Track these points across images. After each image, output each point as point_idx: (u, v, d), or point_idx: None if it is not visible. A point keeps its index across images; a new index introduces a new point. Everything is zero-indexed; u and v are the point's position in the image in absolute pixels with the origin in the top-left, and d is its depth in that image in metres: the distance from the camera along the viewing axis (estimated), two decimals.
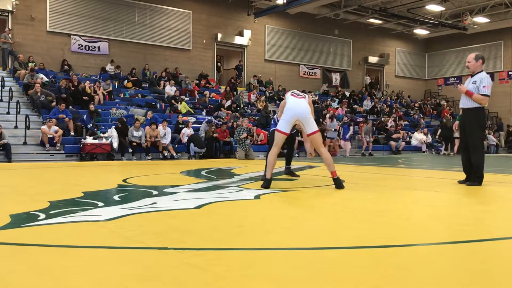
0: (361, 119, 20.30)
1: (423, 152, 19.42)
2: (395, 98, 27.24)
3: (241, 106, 18.71)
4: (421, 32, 27.87)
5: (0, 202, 4.65)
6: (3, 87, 15.11)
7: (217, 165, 10.43)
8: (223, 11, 22.07)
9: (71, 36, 18.40)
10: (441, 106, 26.80)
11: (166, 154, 13.63)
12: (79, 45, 18.60)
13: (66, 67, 17.84)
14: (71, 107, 14.51)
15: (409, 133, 21.17)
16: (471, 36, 26.18)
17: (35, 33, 17.73)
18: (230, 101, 18.47)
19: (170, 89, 18.06)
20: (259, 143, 15.39)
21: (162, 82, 18.84)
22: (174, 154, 13.73)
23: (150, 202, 4.40)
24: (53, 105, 14.03)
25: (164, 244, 2.74)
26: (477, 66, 6.06)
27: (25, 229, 3.20)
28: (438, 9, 23.47)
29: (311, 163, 10.88)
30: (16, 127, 13.14)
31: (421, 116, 24.86)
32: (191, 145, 13.93)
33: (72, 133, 13.25)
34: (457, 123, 6.42)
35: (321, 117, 17.96)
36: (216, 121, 16.17)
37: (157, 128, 13.62)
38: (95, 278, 2.13)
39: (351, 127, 17.00)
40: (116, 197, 4.83)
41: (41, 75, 15.81)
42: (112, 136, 12.92)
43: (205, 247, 2.70)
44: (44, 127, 12.50)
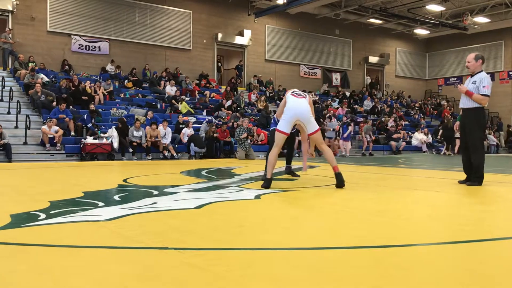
0: (361, 119, 20.30)
1: (423, 152, 19.41)
2: (395, 98, 27.23)
3: (242, 106, 18.70)
4: (421, 32, 27.85)
5: (0, 202, 4.65)
6: (3, 87, 15.12)
7: (217, 165, 10.43)
8: (223, 11, 22.07)
9: (72, 36, 18.40)
10: (441, 106, 26.79)
11: (166, 154, 13.63)
12: (79, 45, 18.60)
13: (66, 67, 17.85)
14: (71, 107, 14.53)
15: (410, 133, 21.16)
16: (472, 36, 26.18)
17: (36, 33, 17.73)
18: (230, 101, 18.47)
19: (170, 89, 18.06)
20: (260, 143, 15.39)
21: (162, 82, 18.84)
22: (174, 154, 13.73)
23: (150, 202, 4.40)
24: (53, 105, 14.04)
25: (164, 244, 2.74)
26: (477, 66, 6.06)
27: (25, 229, 3.21)
28: (438, 9, 23.45)
29: (311, 163, 10.87)
30: (16, 127, 13.15)
31: (422, 116, 24.85)
32: (192, 145, 13.93)
33: (72, 133, 13.25)
34: (457, 124, 6.42)
35: (321, 117, 17.96)
36: (216, 121, 16.17)
37: (157, 128, 13.62)
38: (95, 278, 2.13)
39: (350, 127, 17.00)
40: (116, 197, 4.83)
41: (42, 75, 15.81)
42: (112, 136, 12.93)
43: (205, 247, 2.70)
44: (44, 127, 12.51)
